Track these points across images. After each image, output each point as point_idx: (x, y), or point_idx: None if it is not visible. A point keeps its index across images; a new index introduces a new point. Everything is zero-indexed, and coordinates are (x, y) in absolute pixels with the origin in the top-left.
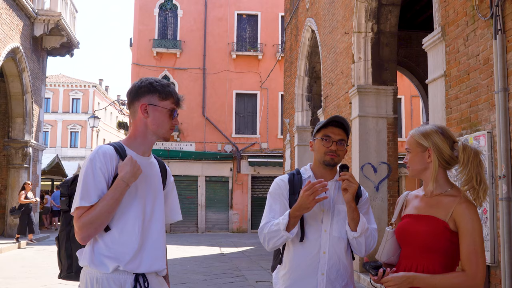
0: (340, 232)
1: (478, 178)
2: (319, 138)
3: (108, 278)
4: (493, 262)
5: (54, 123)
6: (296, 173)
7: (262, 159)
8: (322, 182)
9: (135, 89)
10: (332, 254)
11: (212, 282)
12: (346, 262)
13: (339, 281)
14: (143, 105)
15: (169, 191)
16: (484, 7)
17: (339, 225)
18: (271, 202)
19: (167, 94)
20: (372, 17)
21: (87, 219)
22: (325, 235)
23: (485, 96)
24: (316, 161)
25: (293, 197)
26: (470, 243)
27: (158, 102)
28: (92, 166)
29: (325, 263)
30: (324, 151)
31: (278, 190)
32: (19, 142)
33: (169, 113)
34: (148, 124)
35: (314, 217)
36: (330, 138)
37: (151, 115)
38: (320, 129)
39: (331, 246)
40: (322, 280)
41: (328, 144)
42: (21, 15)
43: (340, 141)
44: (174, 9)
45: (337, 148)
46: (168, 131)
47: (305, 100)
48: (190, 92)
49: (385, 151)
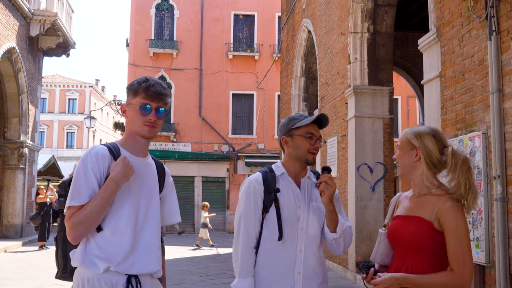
0: (315, 229)
1: (467, 185)
2: (301, 136)
3: (99, 279)
4: (488, 262)
5: (50, 123)
6: (269, 171)
7: (259, 160)
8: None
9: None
10: (308, 252)
11: (208, 283)
12: (320, 260)
13: (315, 279)
14: (123, 106)
15: (168, 193)
16: (479, 8)
17: (314, 223)
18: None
19: (136, 90)
20: (368, 18)
21: (77, 219)
22: (302, 233)
23: (480, 97)
24: (293, 157)
25: (269, 195)
26: (456, 242)
27: (131, 100)
28: (84, 166)
29: (301, 261)
30: (307, 149)
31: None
32: (15, 143)
33: (139, 109)
34: (127, 124)
35: (291, 214)
36: (313, 135)
37: (128, 114)
38: (301, 127)
39: (307, 244)
40: (299, 279)
41: (313, 141)
42: (17, 15)
43: (320, 138)
44: (171, 10)
45: (319, 145)
46: (143, 128)
47: (302, 100)
48: (186, 93)
49: (381, 151)
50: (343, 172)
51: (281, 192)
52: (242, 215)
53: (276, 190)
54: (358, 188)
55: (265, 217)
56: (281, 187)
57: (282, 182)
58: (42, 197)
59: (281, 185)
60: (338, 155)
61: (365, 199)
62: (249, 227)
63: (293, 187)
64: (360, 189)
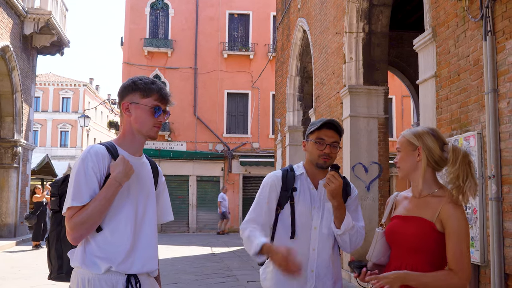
0: (329, 229)
1: (465, 177)
2: (312, 141)
3: (100, 279)
4: (483, 262)
5: (44, 122)
6: (290, 170)
7: (254, 159)
8: (299, 270)
9: (121, 89)
10: (321, 251)
11: (203, 282)
12: (335, 259)
13: (328, 277)
14: (125, 103)
15: (161, 192)
16: (474, 9)
17: (328, 222)
18: (261, 197)
19: (148, 91)
20: (363, 18)
21: (79, 219)
22: (315, 232)
23: (475, 97)
24: (309, 161)
25: (285, 193)
26: (457, 243)
27: (139, 100)
28: (84, 166)
29: (314, 260)
30: (318, 154)
31: (271, 186)
32: (8, 142)
33: (151, 111)
34: (132, 123)
35: (305, 214)
36: (323, 141)
37: (133, 113)
38: (314, 131)
39: (321, 243)
40: (311, 277)
41: (322, 147)
42: (10, 13)
43: (333, 143)
44: (166, 8)
45: (330, 151)
46: (152, 129)
47: (297, 100)
48: (181, 92)
49: (376, 151)
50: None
51: (298, 191)
52: (255, 202)
53: (293, 189)
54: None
55: (279, 213)
56: (299, 187)
57: (300, 182)
58: (39, 196)
59: (299, 185)
60: None
61: (360, 198)
62: (257, 213)
63: (310, 188)
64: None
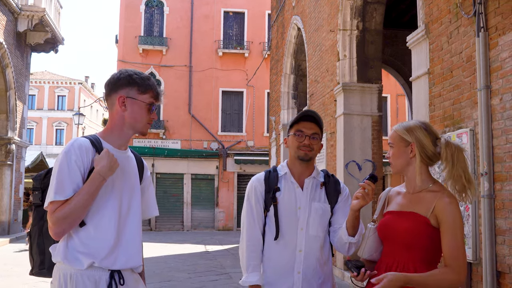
0: (316, 230)
1: (467, 176)
2: (292, 134)
3: (82, 275)
4: (475, 259)
5: (39, 120)
6: (273, 170)
7: (248, 157)
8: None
9: (113, 80)
10: (308, 252)
11: (196, 280)
12: (323, 260)
13: (316, 279)
14: (121, 97)
15: (146, 186)
16: (467, 5)
17: (315, 223)
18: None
19: (146, 87)
20: (357, 15)
21: (61, 214)
22: (301, 234)
23: (468, 94)
24: (292, 157)
25: (268, 195)
26: (452, 238)
27: (137, 96)
28: (67, 159)
29: (301, 261)
30: (297, 146)
31: (255, 193)
32: (2, 139)
33: (147, 107)
34: (125, 117)
35: (289, 215)
36: (302, 132)
37: (129, 108)
38: (293, 125)
39: (308, 244)
40: (298, 279)
41: (301, 139)
42: (4, 10)
43: (313, 135)
44: (160, 6)
45: (310, 142)
46: (146, 125)
47: (291, 98)
48: (176, 90)
49: (369, 149)
50: (331, 169)
51: (281, 191)
52: (244, 215)
53: (276, 189)
54: (346, 185)
55: (266, 216)
56: (282, 187)
57: (284, 182)
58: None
59: (283, 185)
60: (327, 152)
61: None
62: (250, 226)
63: (295, 188)
64: (348, 186)
